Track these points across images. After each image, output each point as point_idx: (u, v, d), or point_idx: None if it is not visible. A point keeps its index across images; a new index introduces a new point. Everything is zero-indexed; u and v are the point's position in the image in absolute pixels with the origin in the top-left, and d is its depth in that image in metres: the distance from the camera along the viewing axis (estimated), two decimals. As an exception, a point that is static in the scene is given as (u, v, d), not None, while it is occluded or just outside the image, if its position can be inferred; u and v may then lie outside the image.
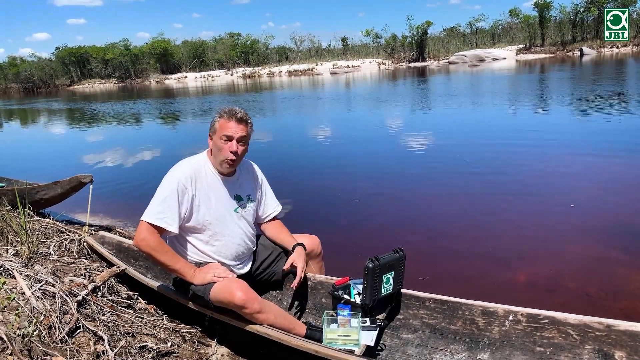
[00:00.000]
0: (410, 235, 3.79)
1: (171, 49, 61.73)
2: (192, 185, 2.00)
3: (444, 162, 6.17)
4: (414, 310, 2.09)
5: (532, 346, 1.81)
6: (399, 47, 55.01)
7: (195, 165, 2.06)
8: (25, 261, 2.50)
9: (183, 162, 2.07)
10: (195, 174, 2.02)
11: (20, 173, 5.47)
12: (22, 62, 65.00)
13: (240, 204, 2.16)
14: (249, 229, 2.22)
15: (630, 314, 2.42)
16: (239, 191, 2.17)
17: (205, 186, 2.04)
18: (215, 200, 2.07)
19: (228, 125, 1.99)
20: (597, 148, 6.21)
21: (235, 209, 2.14)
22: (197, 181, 2.02)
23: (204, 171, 2.06)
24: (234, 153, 1.99)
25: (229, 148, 1.99)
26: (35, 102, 33.50)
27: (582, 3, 45.20)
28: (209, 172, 2.07)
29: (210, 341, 2.20)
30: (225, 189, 2.11)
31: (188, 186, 1.98)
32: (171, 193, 1.96)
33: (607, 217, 3.83)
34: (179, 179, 1.97)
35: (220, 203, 2.09)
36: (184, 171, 2.01)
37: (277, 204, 2.37)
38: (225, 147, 1.99)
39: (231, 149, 1.99)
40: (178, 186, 1.96)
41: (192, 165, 2.05)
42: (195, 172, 2.03)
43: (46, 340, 1.75)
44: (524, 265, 3.14)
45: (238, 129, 1.99)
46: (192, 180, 2.00)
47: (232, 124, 1.99)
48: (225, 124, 1.99)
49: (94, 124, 15.29)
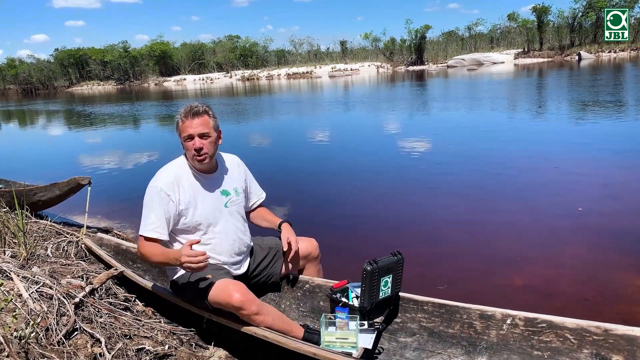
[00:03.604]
0: (408, 239, 3.79)
1: (170, 51, 61.82)
2: (174, 191, 2.00)
3: (443, 166, 6.19)
4: (412, 313, 2.09)
5: (529, 350, 1.81)
6: (398, 51, 55.26)
7: (176, 169, 2.07)
8: (23, 263, 2.49)
9: (162, 170, 2.08)
10: (176, 179, 2.03)
11: (18, 175, 5.46)
12: (20, 64, 65.02)
13: (229, 198, 2.15)
14: (242, 223, 2.22)
15: (627, 318, 2.42)
16: (224, 186, 2.16)
17: (188, 189, 2.04)
18: (202, 200, 2.07)
19: (186, 124, 2.00)
20: (593, 152, 6.24)
21: (225, 204, 2.14)
22: (179, 185, 2.02)
23: (184, 174, 2.06)
24: (198, 150, 2.00)
25: (193, 146, 2.00)
26: (34, 103, 33.49)
27: (580, 8, 45.54)
28: (189, 174, 2.07)
29: (208, 344, 2.20)
30: (210, 186, 2.11)
31: (170, 193, 1.99)
32: (156, 204, 1.98)
33: (605, 221, 3.84)
34: (161, 188, 1.99)
35: (208, 201, 2.08)
36: (164, 179, 2.02)
37: (261, 191, 2.40)
38: (189, 146, 2.01)
39: (195, 146, 1.99)
40: (160, 195, 1.98)
41: (171, 171, 2.06)
42: (176, 177, 2.03)
43: (43, 342, 1.74)
44: (522, 269, 3.14)
45: (197, 124, 1.99)
46: (174, 186, 2.01)
47: (188, 122, 2.00)
48: (184, 124, 2.01)
49: (92, 126, 15.28)
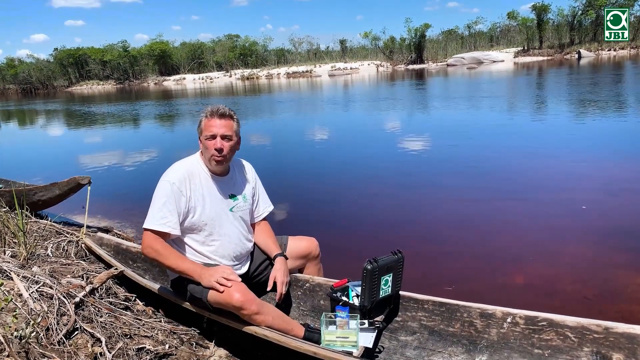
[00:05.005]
0: (409, 237, 3.79)
1: (170, 50, 61.80)
2: (186, 187, 2.00)
3: (443, 164, 6.19)
4: (413, 312, 2.09)
5: (530, 348, 1.81)
6: (398, 50, 55.26)
7: (189, 166, 2.07)
8: (23, 263, 2.49)
9: (175, 165, 2.08)
10: (188, 175, 2.03)
11: (18, 174, 5.46)
12: (20, 64, 65.02)
13: (236, 203, 2.16)
14: (245, 228, 2.22)
15: (628, 316, 2.42)
16: (233, 190, 2.17)
17: (199, 187, 2.05)
18: (210, 200, 2.07)
19: (211, 123, 2.01)
20: (594, 151, 6.24)
21: (231, 208, 2.14)
22: (191, 182, 2.03)
23: (197, 172, 2.07)
24: (219, 150, 2.00)
25: (214, 145, 2.00)
26: (33, 103, 33.46)
27: (579, 6, 45.53)
28: (202, 173, 2.08)
29: (209, 343, 2.20)
30: (220, 188, 2.11)
31: (183, 188, 1.99)
32: (168, 197, 1.97)
33: (605, 219, 3.84)
34: (174, 182, 1.99)
35: (215, 203, 2.09)
36: (177, 174, 2.02)
37: (268, 203, 2.38)
38: (210, 145, 2.01)
39: (215, 146, 2.00)
40: (173, 189, 1.97)
41: (185, 167, 2.06)
42: (189, 174, 2.04)
43: (43, 342, 1.74)
44: (522, 267, 3.14)
45: (221, 125, 2.01)
46: (186, 182, 2.01)
47: (214, 122, 2.01)
48: (209, 122, 2.01)
49: (92, 126, 15.27)
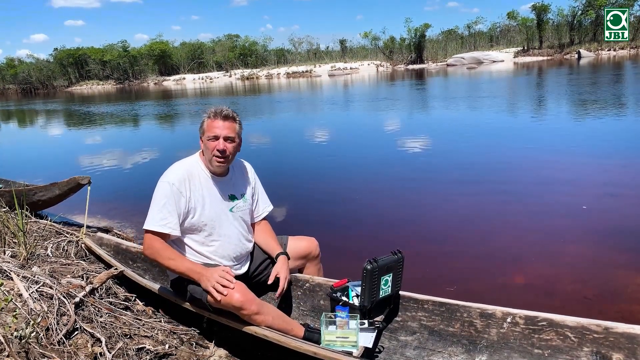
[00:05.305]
0: (409, 237, 3.79)
1: (169, 50, 61.74)
2: (186, 188, 2.00)
3: (443, 165, 6.19)
4: (412, 312, 2.09)
5: (530, 348, 1.81)
6: (397, 50, 55.21)
7: (188, 167, 2.07)
8: (23, 263, 2.49)
9: (175, 166, 2.08)
10: (188, 176, 2.03)
11: (18, 174, 5.46)
12: (20, 64, 64.97)
13: (236, 203, 2.16)
14: (245, 228, 2.22)
15: (628, 316, 2.42)
16: (233, 191, 2.17)
17: (199, 187, 2.05)
18: (210, 200, 2.07)
19: (214, 124, 2.01)
20: (594, 151, 6.24)
21: (231, 208, 2.14)
22: (191, 183, 2.03)
23: (197, 172, 2.07)
24: (221, 151, 2.00)
25: (216, 146, 2.00)
26: (33, 103, 33.45)
27: (579, 6, 45.50)
28: (202, 173, 2.08)
29: (209, 343, 2.20)
30: (219, 189, 2.11)
31: (182, 189, 1.99)
32: (168, 198, 1.97)
33: (605, 219, 3.84)
34: (173, 183, 1.98)
35: (215, 203, 2.09)
36: (176, 175, 2.02)
37: (268, 203, 2.38)
38: (211, 146, 2.01)
39: (218, 147, 2.00)
40: (173, 190, 1.97)
41: (185, 168, 2.06)
42: (189, 174, 2.04)
43: (43, 342, 1.74)
44: (522, 267, 3.14)
45: (224, 127, 2.01)
46: (186, 183, 2.01)
47: (218, 123, 2.01)
48: (212, 123, 2.01)
49: (91, 126, 15.26)
